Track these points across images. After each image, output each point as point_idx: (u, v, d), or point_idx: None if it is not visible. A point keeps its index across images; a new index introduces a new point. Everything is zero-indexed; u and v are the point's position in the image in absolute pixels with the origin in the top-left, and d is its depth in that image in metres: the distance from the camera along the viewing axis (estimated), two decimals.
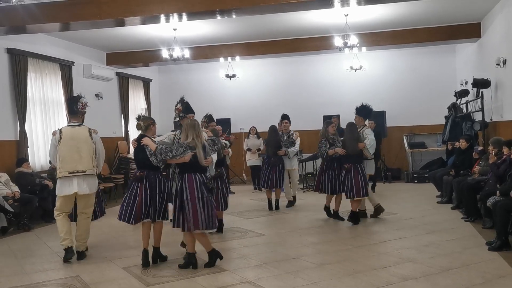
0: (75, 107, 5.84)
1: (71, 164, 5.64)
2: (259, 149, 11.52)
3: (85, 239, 5.88)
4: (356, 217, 7.31)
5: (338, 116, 11.78)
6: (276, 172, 8.66)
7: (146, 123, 5.46)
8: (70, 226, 5.78)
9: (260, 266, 5.24)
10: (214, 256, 5.27)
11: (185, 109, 5.79)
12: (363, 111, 7.72)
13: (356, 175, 7.21)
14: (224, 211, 7.05)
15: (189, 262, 5.20)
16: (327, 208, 7.86)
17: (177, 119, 5.90)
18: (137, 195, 5.22)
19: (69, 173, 5.61)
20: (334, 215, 7.71)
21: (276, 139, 8.79)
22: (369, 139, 7.47)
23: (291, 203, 9.16)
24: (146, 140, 5.28)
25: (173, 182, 5.56)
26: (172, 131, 6.09)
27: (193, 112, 5.83)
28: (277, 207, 8.85)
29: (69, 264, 5.59)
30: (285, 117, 9.16)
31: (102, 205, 6.45)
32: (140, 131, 5.55)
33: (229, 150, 7.78)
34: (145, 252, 5.37)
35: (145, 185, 5.24)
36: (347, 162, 7.32)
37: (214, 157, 5.44)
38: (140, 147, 5.32)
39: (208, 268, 5.17)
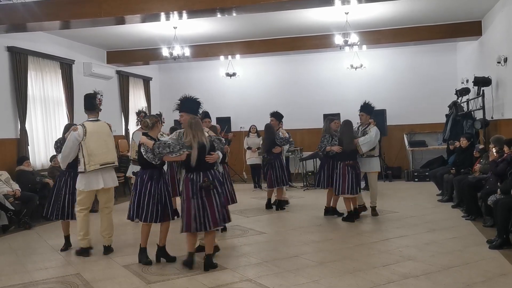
0: (95, 103, 5.96)
1: (100, 156, 5.80)
2: (259, 148, 11.50)
3: (111, 233, 5.99)
4: (350, 216, 7.41)
5: (338, 115, 11.78)
6: (274, 171, 8.56)
7: (153, 121, 5.36)
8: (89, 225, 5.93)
9: (261, 264, 5.24)
10: (191, 258, 5.11)
11: (178, 106, 5.53)
12: (368, 108, 7.73)
13: (352, 172, 7.33)
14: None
15: (186, 262, 5.12)
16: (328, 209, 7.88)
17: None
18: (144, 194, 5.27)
19: (100, 165, 5.77)
20: (332, 211, 7.74)
21: (270, 137, 8.77)
22: (367, 136, 7.46)
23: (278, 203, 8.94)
24: (142, 138, 5.21)
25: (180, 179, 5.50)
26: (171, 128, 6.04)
27: (183, 110, 5.42)
28: (278, 207, 8.71)
29: (69, 262, 5.60)
30: (273, 115, 9.03)
31: None
32: (139, 129, 5.55)
33: (228, 147, 7.78)
34: (144, 250, 5.38)
35: (150, 184, 5.24)
36: (344, 159, 7.36)
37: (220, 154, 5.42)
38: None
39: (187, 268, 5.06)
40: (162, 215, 5.28)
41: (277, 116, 8.96)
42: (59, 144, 5.96)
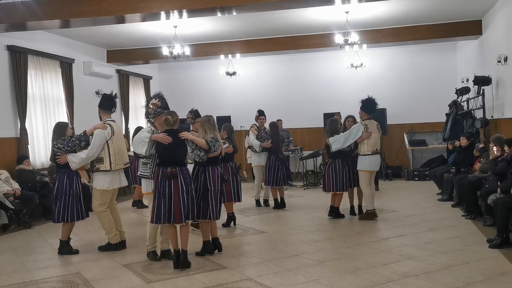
0: (114, 104, 6.09)
1: (124, 156, 6.06)
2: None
3: (122, 227, 6.20)
4: (334, 212, 7.62)
5: (338, 114, 11.78)
6: (285, 169, 8.66)
7: (175, 118, 5.22)
8: None
9: (261, 263, 5.24)
10: (208, 247, 5.56)
11: (165, 104, 5.57)
12: (366, 104, 7.53)
13: (328, 170, 7.48)
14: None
15: (207, 250, 5.53)
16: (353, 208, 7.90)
17: (151, 115, 5.55)
18: (172, 193, 4.95)
19: (125, 164, 6.06)
20: (334, 212, 7.66)
21: (280, 134, 8.79)
22: (339, 134, 7.42)
23: (261, 203, 9.00)
24: (188, 135, 5.21)
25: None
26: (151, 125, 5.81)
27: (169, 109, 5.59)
28: (283, 205, 8.72)
29: (69, 261, 5.60)
30: (262, 113, 9.09)
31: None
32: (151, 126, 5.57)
33: (231, 148, 7.78)
34: (178, 253, 5.11)
35: (180, 181, 5.00)
36: (329, 157, 7.61)
37: None
38: (176, 141, 5.09)
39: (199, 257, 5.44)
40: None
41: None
42: (77, 142, 5.67)
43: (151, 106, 5.54)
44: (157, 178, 5.07)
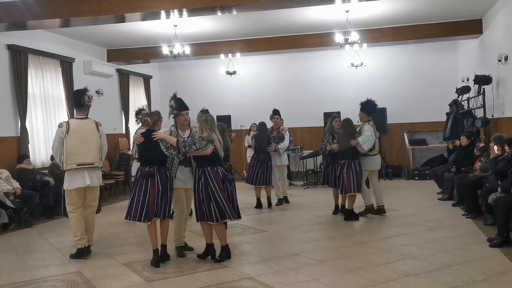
0: (82, 100, 5.83)
1: (79, 156, 5.64)
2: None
3: (93, 233, 5.95)
4: (350, 214, 7.40)
5: (339, 113, 11.78)
6: (265, 169, 8.60)
7: (154, 119, 5.40)
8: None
9: (261, 262, 5.24)
10: (226, 252, 5.35)
11: (179, 106, 5.62)
12: (367, 106, 7.58)
13: (348, 171, 7.31)
14: None
15: (227, 254, 5.33)
16: (337, 206, 7.94)
17: (171, 116, 5.68)
18: (147, 192, 5.11)
19: (77, 165, 5.61)
20: (346, 214, 7.52)
21: (265, 134, 8.76)
22: (364, 135, 7.36)
23: (281, 202, 9.00)
24: (160, 134, 5.25)
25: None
26: (172, 126, 5.93)
27: (187, 109, 5.65)
28: (270, 205, 8.78)
29: (70, 260, 5.60)
30: (276, 112, 9.07)
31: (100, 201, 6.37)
32: (142, 127, 5.57)
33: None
34: (157, 252, 5.24)
35: (156, 181, 5.14)
36: (342, 158, 7.43)
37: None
38: (151, 142, 5.19)
39: (216, 263, 5.21)
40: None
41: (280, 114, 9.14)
42: None
43: (170, 109, 5.64)
44: (136, 176, 5.28)
